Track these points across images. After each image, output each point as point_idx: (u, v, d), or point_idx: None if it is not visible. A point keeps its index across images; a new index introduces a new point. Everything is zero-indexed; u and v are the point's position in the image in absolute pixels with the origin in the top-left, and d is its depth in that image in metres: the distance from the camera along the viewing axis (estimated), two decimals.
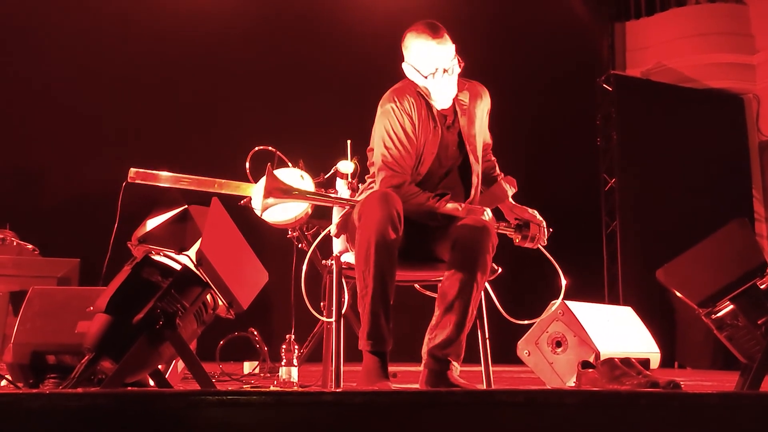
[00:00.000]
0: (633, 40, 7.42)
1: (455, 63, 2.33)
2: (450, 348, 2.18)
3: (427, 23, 2.34)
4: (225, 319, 2.07)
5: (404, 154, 2.34)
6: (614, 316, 3.60)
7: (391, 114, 2.35)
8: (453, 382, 2.15)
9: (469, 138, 2.44)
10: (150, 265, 1.86)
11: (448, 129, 2.42)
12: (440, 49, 2.30)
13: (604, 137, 6.81)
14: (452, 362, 2.19)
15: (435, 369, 2.19)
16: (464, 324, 2.20)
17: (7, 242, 3.58)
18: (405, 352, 3.97)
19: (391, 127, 2.34)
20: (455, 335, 2.18)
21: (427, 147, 2.38)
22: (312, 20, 6.15)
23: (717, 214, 3.23)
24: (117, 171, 5.25)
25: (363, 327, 2.19)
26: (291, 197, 2.52)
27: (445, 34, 2.33)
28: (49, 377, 2.23)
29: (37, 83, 5.35)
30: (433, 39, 2.31)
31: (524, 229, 2.36)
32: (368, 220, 2.18)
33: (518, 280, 3.01)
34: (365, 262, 2.17)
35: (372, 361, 2.17)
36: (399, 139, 2.33)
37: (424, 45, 2.32)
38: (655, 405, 1.41)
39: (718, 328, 2.22)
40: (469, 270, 2.21)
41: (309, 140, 4.72)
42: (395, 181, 2.32)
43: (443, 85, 2.33)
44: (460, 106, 2.44)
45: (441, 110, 2.41)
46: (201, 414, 1.27)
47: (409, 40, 2.37)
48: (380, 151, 2.36)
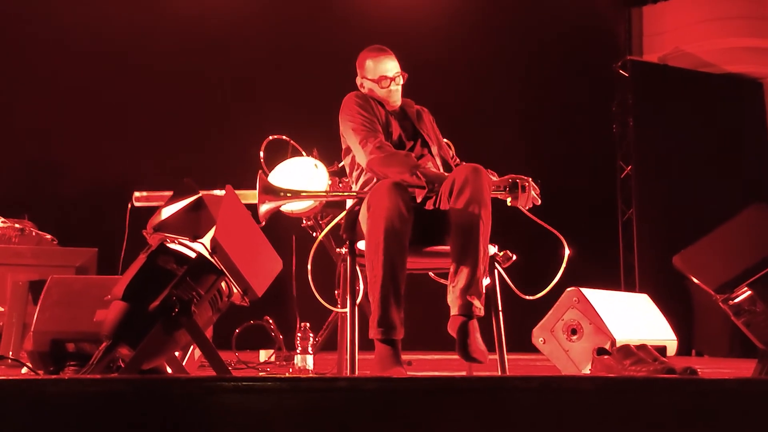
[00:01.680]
0: (650, 25, 7.32)
1: (400, 74, 2.72)
2: (471, 290, 2.23)
3: (375, 46, 2.81)
4: (241, 308, 2.09)
5: (373, 119, 2.60)
6: (630, 304, 3.58)
7: (350, 103, 2.66)
8: (474, 356, 2.15)
9: (421, 125, 2.73)
10: (165, 253, 1.88)
11: (401, 121, 2.73)
12: (386, 61, 2.73)
13: (620, 124, 6.74)
14: (474, 304, 2.22)
15: (460, 314, 2.22)
16: (478, 263, 2.25)
17: (26, 232, 3.63)
18: (419, 341, 3.99)
19: (355, 110, 2.62)
20: (472, 276, 2.23)
21: (387, 129, 2.65)
22: (326, 8, 6.14)
23: (735, 200, 3.20)
24: (134, 162, 5.32)
25: (373, 315, 2.21)
26: (286, 199, 2.54)
27: (391, 52, 2.77)
28: (68, 365, 2.27)
29: (56, 76, 5.39)
30: (381, 54, 2.75)
31: (513, 188, 2.42)
32: (377, 210, 2.22)
33: (530, 263, 2.99)
34: (375, 251, 2.20)
35: (384, 350, 2.20)
36: (363, 114, 2.60)
37: (374, 59, 2.75)
38: (671, 391, 1.40)
39: (736, 314, 2.21)
40: (472, 210, 2.26)
41: (323, 129, 4.72)
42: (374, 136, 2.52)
43: (391, 91, 2.71)
44: (408, 107, 2.80)
45: (392, 109, 2.73)
46: (216, 399, 1.28)
47: (361, 59, 2.80)
48: (351, 125, 2.59)
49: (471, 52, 6.16)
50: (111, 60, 5.51)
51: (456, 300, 2.24)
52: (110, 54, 5.52)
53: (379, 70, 2.72)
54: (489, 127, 6.10)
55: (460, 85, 6.12)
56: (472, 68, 6.25)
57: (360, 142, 2.54)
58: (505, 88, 6.33)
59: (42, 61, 5.39)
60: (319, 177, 3.37)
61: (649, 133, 6.57)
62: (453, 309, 2.26)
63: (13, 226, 3.60)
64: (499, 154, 3.29)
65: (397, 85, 2.72)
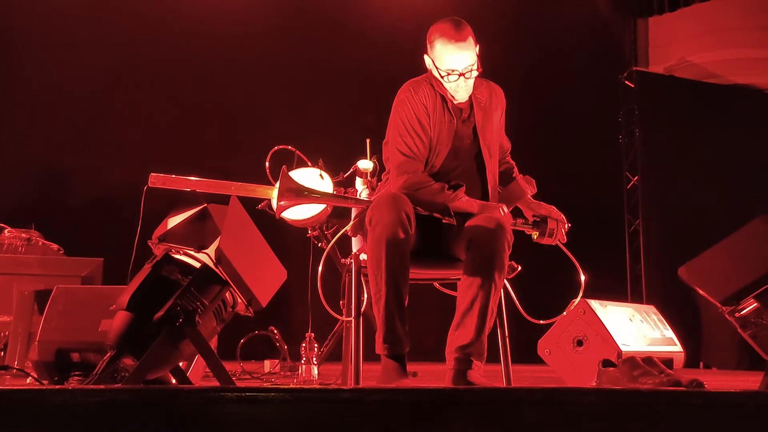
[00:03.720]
0: (656, 36, 7.32)
1: (474, 67, 2.34)
2: (471, 348, 2.18)
3: (453, 22, 2.35)
4: (246, 318, 2.09)
5: (418, 142, 2.35)
6: (637, 315, 3.56)
7: (405, 103, 2.39)
8: (473, 381, 2.14)
9: (484, 132, 2.45)
10: (170, 263, 1.88)
11: (464, 122, 2.44)
12: (460, 53, 2.31)
13: (626, 134, 6.73)
14: (474, 362, 2.18)
15: (458, 369, 2.18)
16: (484, 325, 2.20)
17: (32, 242, 3.64)
18: (425, 352, 3.97)
19: (406, 115, 2.37)
20: (476, 336, 2.18)
21: (441, 139, 2.39)
22: (331, 19, 6.16)
23: (741, 211, 3.18)
24: (140, 172, 5.30)
25: (378, 331, 2.19)
26: (305, 199, 2.53)
27: (469, 36, 2.34)
28: (73, 374, 2.27)
29: (62, 85, 5.42)
30: (455, 42, 2.31)
31: (542, 225, 2.35)
32: (378, 223, 2.18)
33: (538, 278, 2.99)
34: (377, 265, 2.17)
35: (390, 364, 2.18)
36: (413, 127, 2.35)
37: (445, 45, 2.33)
38: (677, 404, 1.39)
39: (742, 326, 2.19)
40: (486, 270, 2.20)
41: (328, 139, 4.73)
42: (410, 168, 2.33)
43: (459, 86, 2.36)
44: (477, 102, 2.45)
45: (457, 104, 2.42)
46: (221, 410, 1.28)
47: (433, 35, 2.38)
48: (395, 139, 2.39)
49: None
50: (118, 71, 5.55)
51: (453, 354, 2.20)
52: (117, 65, 5.55)
53: (448, 62, 2.31)
54: None
55: None
56: None
57: (396, 166, 2.36)
58: (511, 98, 6.32)
59: (48, 71, 5.43)
60: (324, 187, 3.38)
61: (656, 144, 6.56)
62: (450, 362, 2.21)
63: (19, 235, 3.62)
64: None
65: (467, 79, 2.34)
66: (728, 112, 6.73)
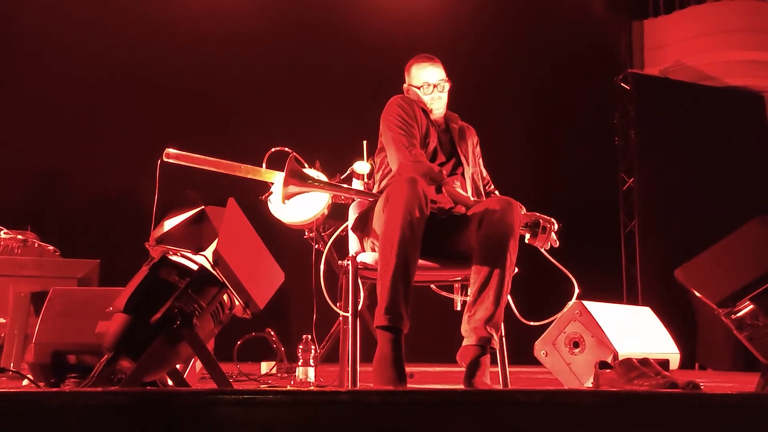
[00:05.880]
0: (651, 38, 7.35)
1: (445, 81, 2.74)
2: (491, 322, 2.21)
3: (424, 55, 2.82)
4: (243, 320, 2.08)
5: (412, 125, 2.59)
6: (633, 317, 3.56)
7: (394, 105, 2.65)
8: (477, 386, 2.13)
9: (461, 144, 2.72)
10: (167, 265, 1.88)
11: (443, 132, 2.73)
12: (432, 68, 2.75)
13: (622, 136, 6.76)
14: (494, 337, 2.21)
15: (478, 345, 2.19)
16: (502, 296, 2.23)
17: (28, 243, 3.63)
18: (421, 354, 3.98)
19: (396, 113, 2.61)
20: (494, 308, 2.21)
21: (428, 135, 2.64)
22: (328, 21, 6.18)
23: (737, 213, 3.19)
24: (137, 173, 5.33)
25: (380, 303, 2.15)
26: (312, 186, 2.55)
27: (437, 61, 2.79)
28: (70, 377, 2.26)
29: (58, 87, 5.42)
30: (427, 61, 2.77)
31: (534, 227, 2.46)
32: (396, 200, 2.21)
33: (533, 281, 3.01)
34: (390, 240, 2.17)
35: (387, 346, 2.12)
36: (405, 120, 2.59)
37: (419, 64, 2.77)
38: (673, 405, 1.39)
39: (738, 328, 2.20)
40: (502, 243, 2.25)
41: (325, 141, 4.73)
42: (414, 149, 2.51)
43: (434, 99, 2.72)
44: (451, 122, 2.79)
45: (434, 119, 2.72)
46: (217, 412, 1.28)
47: (409, 65, 2.81)
48: (390, 130, 2.58)
49: (473, 66, 6.18)
50: (115, 73, 5.54)
51: (474, 331, 2.20)
52: (114, 67, 5.55)
53: (423, 76, 2.73)
54: (491, 140, 6.10)
55: (461, 100, 6.13)
56: (474, 82, 6.26)
57: (396, 146, 2.53)
58: (507, 101, 6.35)
59: (44, 72, 5.42)
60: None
61: (651, 146, 6.59)
62: (469, 338, 2.21)
63: (15, 237, 3.61)
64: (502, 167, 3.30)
65: (440, 92, 2.72)
66: (723, 113, 6.77)
